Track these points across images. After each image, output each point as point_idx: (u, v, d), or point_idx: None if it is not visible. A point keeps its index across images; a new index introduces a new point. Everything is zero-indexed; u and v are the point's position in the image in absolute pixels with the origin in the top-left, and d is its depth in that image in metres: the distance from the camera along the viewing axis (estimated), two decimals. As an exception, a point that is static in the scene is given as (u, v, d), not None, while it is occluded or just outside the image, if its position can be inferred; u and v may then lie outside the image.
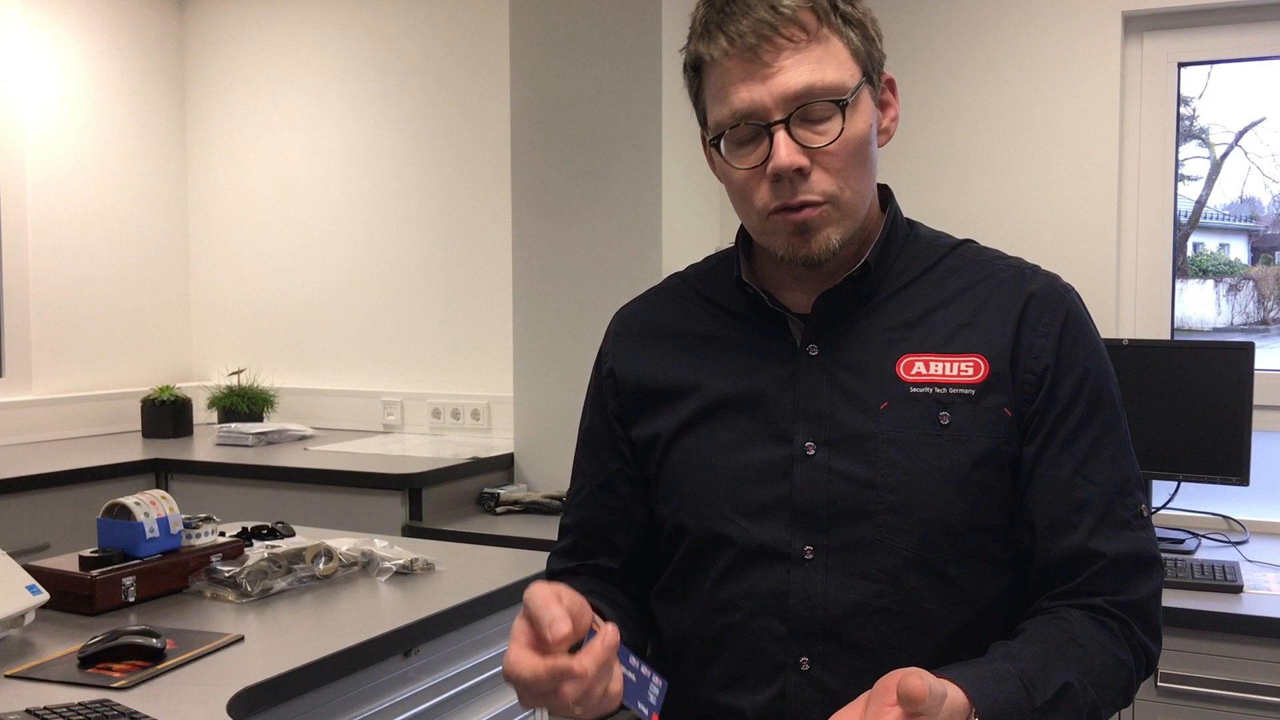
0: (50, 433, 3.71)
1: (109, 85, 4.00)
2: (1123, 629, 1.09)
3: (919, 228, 1.25)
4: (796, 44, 1.07)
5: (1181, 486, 2.59)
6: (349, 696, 1.69)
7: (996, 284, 1.17)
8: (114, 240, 4.01)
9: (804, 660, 1.12)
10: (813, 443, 1.14)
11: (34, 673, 1.50)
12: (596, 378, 1.32)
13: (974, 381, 1.12)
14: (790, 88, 1.07)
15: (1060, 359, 1.13)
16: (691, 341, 1.24)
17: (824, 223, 1.11)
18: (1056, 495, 1.11)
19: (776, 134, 1.08)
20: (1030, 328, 1.14)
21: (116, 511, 1.86)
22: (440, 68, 3.79)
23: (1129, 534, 1.11)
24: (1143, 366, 2.56)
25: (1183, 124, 2.87)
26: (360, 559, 2.06)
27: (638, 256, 2.99)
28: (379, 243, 3.94)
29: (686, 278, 1.32)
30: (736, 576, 1.16)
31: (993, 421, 1.11)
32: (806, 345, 1.17)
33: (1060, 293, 1.17)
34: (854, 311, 1.17)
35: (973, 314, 1.15)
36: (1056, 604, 1.11)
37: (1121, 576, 1.10)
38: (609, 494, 1.29)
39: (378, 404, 3.92)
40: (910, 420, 1.12)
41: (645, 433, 1.24)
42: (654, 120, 2.97)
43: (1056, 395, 1.12)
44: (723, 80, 1.10)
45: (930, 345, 1.14)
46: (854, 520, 1.12)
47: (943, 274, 1.19)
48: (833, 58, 1.09)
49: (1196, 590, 2.23)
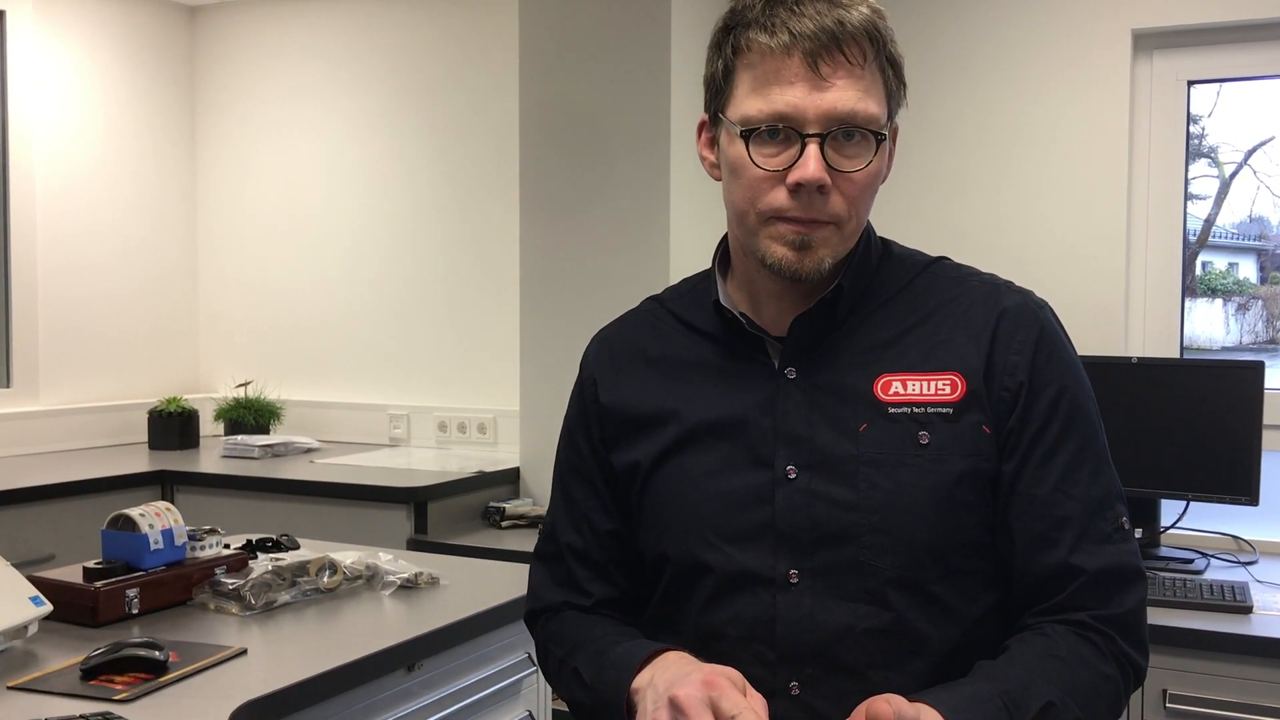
0: (57, 444, 3.71)
1: (119, 97, 4.02)
2: (1107, 643, 1.09)
3: (893, 246, 1.25)
4: (853, 66, 1.07)
5: (1190, 506, 2.57)
6: (352, 711, 1.68)
7: (970, 302, 1.17)
8: (122, 251, 4.02)
9: (794, 685, 1.11)
10: (794, 466, 1.13)
11: (36, 684, 1.50)
12: (580, 402, 1.31)
13: (951, 400, 1.12)
14: (838, 107, 1.07)
15: (1035, 376, 1.13)
16: (670, 366, 1.24)
17: (823, 243, 1.11)
18: (1037, 512, 1.11)
19: (810, 145, 1.07)
20: (1004, 345, 1.14)
21: (121, 523, 1.86)
22: (449, 81, 3.80)
23: (1110, 548, 1.11)
24: (1152, 385, 2.54)
25: (1192, 143, 2.86)
26: (365, 572, 2.05)
27: (646, 268, 2.98)
28: (386, 255, 3.95)
29: (663, 300, 1.32)
30: (722, 603, 1.15)
31: (972, 439, 1.12)
32: (784, 368, 1.17)
33: (1033, 309, 1.17)
34: (830, 333, 1.17)
35: (948, 332, 1.15)
36: (1041, 620, 1.11)
37: (1104, 591, 1.10)
38: (604, 517, 1.27)
39: (384, 417, 3.92)
40: (890, 441, 1.12)
41: (625, 460, 1.24)
42: (663, 127, 2.97)
43: (1033, 412, 1.12)
44: (770, 76, 1.08)
45: (906, 364, 1.14)
46: (838, 543, 1.11)
47: (916, 292, 1.19)
48: (876, 90, 1.10)
49: (1205, 610, 2.22)
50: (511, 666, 2.03)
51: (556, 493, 1.33)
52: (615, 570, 1.28)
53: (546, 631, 1.29)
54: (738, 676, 1.00)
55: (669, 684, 1.01)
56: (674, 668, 1.06)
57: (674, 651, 1.11)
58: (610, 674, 1.12)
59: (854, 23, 1.07)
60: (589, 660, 1.18)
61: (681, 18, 2.99)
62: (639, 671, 1.09)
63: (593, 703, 1.16)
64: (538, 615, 1.32)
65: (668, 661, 1.09)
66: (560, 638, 1.26)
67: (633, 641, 1.17)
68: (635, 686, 1.08)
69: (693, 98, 3.15)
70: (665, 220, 2.98)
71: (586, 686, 1.17)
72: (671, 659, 1.09)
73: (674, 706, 0.97)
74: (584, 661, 1.18)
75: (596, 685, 1.14)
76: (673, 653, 1.11)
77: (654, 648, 1.12)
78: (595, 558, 1.28)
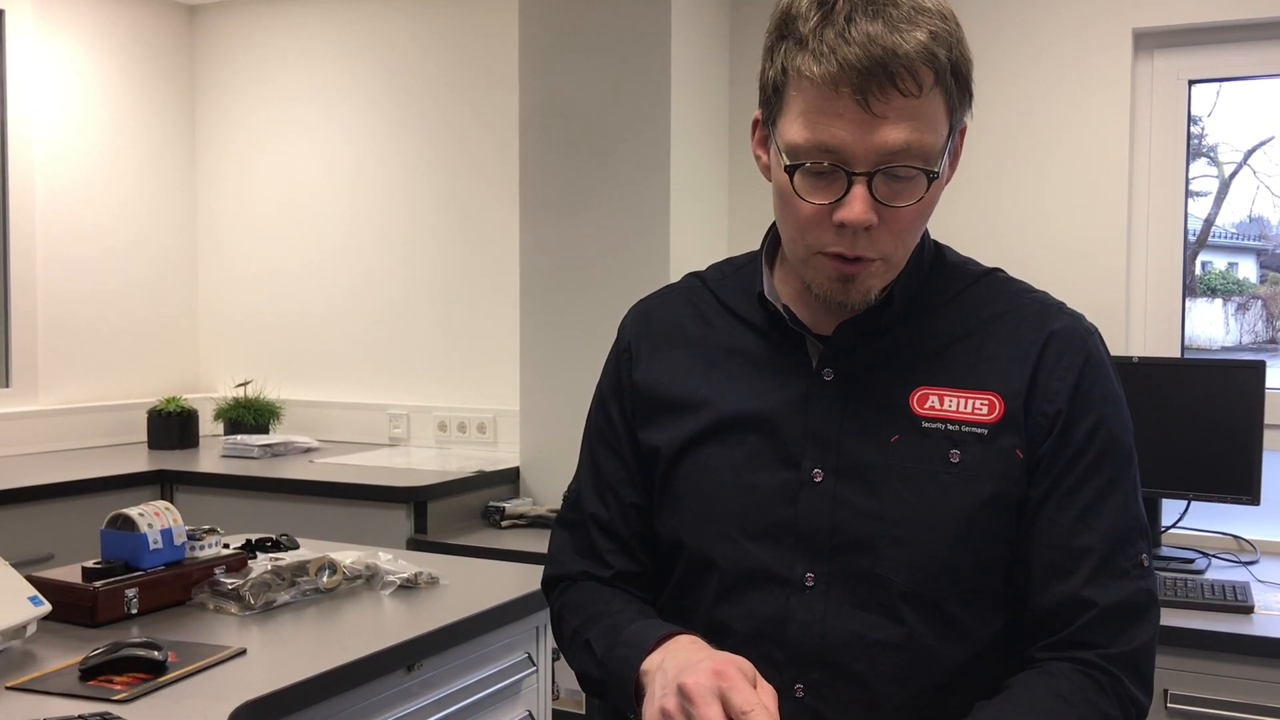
0: (56, 443, 3.71)
1: (119, 97, 4.02)
2: (1112, 684, 1.07)
3: (947, 253, 1.22)
4: (907, 98, 1.00)
5: (1191, 506, 2.57)
6: (351, 711, 1.68)
7: (1020, 319, 1.15)
8: (122, 251, 4.02)
9: (799, 687, 1.11)
10: (820, 470, 1.12)
11: (34, 684, 1.49)
12: (615, 372, 1.29)
13: (988, 420, 1.10)
14: (888, 144, 1.00)
15: (1075, 403, 1.11)
16: (707, 350, 1.22)
17: (870, 276, 1.09)
18: (1056, 540, 1.10)
19: (856, 186, 1.02)
20: (1049, 369, 1.12)
21: (120, 523, 1.86)
22: (449, 80, 3.80)
23: (1126, 583, 1.09)
24: (1153, 385, 2.54)
25: (1191, 142, 2.86)
26: (364, 572, 2.05)
27: (646, 266, 2.98)
28: (386, 255, 3.95)
29: (706, 279, 1.29)
30: (735, 598, 1.14)
31: (1003, 463, 1.10)
32: (822, 369, 1.15)
33: (1083, 335, 1.15)
34: (874, 338, 1.15)
35: (993, 349, 1.13)
36: (1046, 656, 1.09)
37: (1113, 627, 1.08)
38: (631, 490, 1.26)
39: (384, 417, 3.91)
40: (920, 456, 1.10)
41: (650, 441, 1.23)
42: (663, 126, 2.97)
43: (1068, 440, 1.10)
44: (818, 107, 1.01)
45: (947, 379, 1.12)
46: (857, 550, 1.10)
47: (967, 304, 1.17)
48: (933, 118, 1.03)
49: (1206, 610, 2.21)
50: (512, 666, 2.03)
51: (584, 459, 1.31)
52: (638, 545, 1.26)
53: (563, 600, 1.28)
54: (748, 667, 0.99)
55: (679, 670, 0.99)
56: (685, 653, 1.04)
57: (686, 635, 1.10)
58: (621, 652, 1.11)
59: (909, 51, 0.98)
60: (601, 635, 1.17)
61: (682, 16, 2.99)
62: (650, 653, 1.08)
63: (601, 678, 1.15)
64: (556, 582, 1.31)
65: (679, 646, 1.07)
66: (576, 608, 1.25)
67: (647, 621, 1.15)
68: (645, 668, 1.07)
69: (693, 97, 3.16)
70: (665, 218, 2.98)
71: (597, 661, 1.15)
72: (684, 643, 1.08)
73: (682, 694, 0.96)
74: (597, 636, 1.17)
75: (607, 661, 1.13)
76: (685, 636, 1.10)
77: (667, 629, 1.11)
78: (619, 531, 1.26)
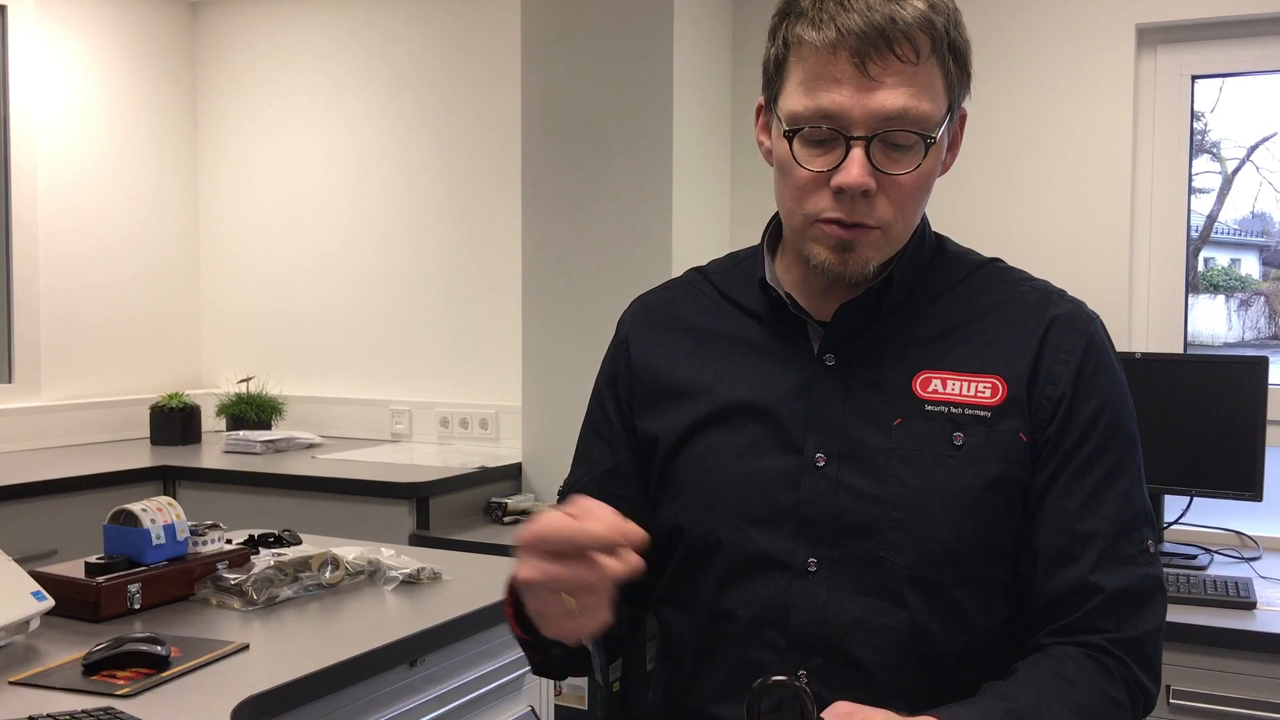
0: (58, 439, 3.71)
1: (121, 92, 4.02)
2: (1119, 668, 1.07)
3: (947, 243, 1.23)
4: (904, 64, 1.02)
5: (1194, 502, 2.57)
6: (354, 706, 1.68)
7: (1020, 306, 1.16)
8: (124, 247, 4.02)
9: (801, 674, 1.11)
10: (823, 454, 1.12)
11: (38, 679, 1.50)
12: (613, 363, 1.29)
13: (990, 404, 1.10)
14: (885, 108, 1.03)
15: (1078, 388, 1.11)
16: (708, 339, 1.23)
17: (868, 246, 1.09)
18: (1062, 526, 1.09)
19: (854, 150, 1.04)
20: (1051, 353, 1.12)
21: (123, 518, 1.86)
22: (451, 77, 3.80)
23: (1131, 569, 1.09)
24: (1156, 380, 2.54)
25: (1194, 138, 2.86)
26: (367, 568, 2.05)
27: (648, 264, 2.98)
28: (388, 251, 3.95)
29: (706, 273, 1.30)
30: (737, 584, 1.14)
31: (1007, 445, 1.10)
32: (824, 354, 1.16)
33: (1084, 320, 1.15)
34: (875, 324, 1.16)
35: (995, 334, 1.14)
36: (1053, 640, 1.09)
37: (1120, 613, 1.08)
38: (617, 482, 1.25)
39: (386, 412, 3.91)
40: (923, 439, 1.10)
41: (649, 428, 1.23)
42: (665, 124, 2.96)
43: (1071, 424, 1.11)
44: (817, 73, 1.04)
45: (949, 363, 1.13)
46: (860, 535, 1.10)
47: (967, 292, 1.18)
48: (932, 87, 1.05)
49: (1209, 606, 2.21)
50: (514, 662, 2.03)
51: (578, 455, 1.32)
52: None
53: None
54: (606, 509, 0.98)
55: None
56: None
57: None
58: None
59: (907, 18, 1.02)
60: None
61: (684, 15, 2.98)
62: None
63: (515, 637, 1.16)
64: None
65: None
66: None
67: None
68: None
69: (695, 96, 3.16)
70: (667, 216, 2.98)
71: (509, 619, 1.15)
72: None
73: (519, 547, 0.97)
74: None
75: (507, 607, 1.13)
76: None
77: None
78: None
